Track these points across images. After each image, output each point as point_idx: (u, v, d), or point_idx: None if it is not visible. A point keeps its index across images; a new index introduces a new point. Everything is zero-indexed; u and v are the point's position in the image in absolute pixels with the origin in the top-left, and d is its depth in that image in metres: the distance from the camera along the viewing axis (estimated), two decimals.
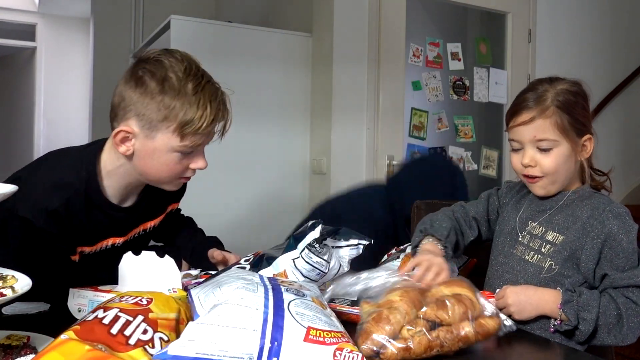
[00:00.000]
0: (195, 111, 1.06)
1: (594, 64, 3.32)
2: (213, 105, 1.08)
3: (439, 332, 0.86)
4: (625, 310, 1.05)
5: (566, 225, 1.15)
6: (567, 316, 1.06)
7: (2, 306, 1.04)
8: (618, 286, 1.07)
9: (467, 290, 0.95)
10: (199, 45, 2.48)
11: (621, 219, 1.10)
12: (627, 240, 1.08)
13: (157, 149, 1.09)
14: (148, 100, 1.06)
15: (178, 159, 1.10)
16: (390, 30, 2.73)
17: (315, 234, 1.03)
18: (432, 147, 2.93)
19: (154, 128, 1.07)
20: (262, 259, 1.07)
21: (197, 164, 1.14)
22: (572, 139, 1.15)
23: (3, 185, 0.78)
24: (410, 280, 1.00)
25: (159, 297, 0.79)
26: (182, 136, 1.07)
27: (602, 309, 1.05)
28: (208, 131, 1.10)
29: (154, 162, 1.10)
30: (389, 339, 0.83)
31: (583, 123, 1.16)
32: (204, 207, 2.50)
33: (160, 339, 0.69)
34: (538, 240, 1.19)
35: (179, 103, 1.05)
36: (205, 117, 1.06)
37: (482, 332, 0.89)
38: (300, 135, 2.75)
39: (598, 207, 1.13)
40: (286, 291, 0.82)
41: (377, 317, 0.86)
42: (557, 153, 1.15)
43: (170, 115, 1.05)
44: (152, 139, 1.08)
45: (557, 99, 1.15)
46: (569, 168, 1.17)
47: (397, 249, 1.37)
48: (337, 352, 0.72)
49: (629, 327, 1.05)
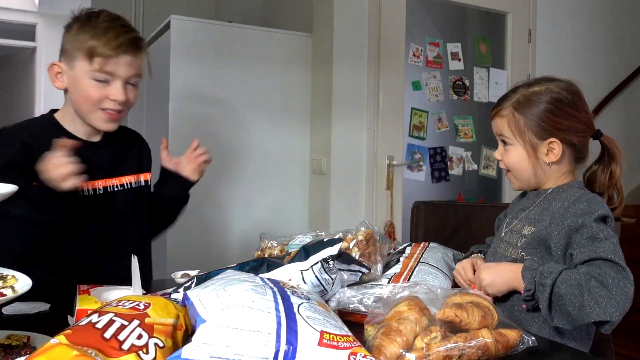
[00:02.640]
0: (100, 39, 1.25)
1: (594, 63, 3.33)
2: (120, 39, 1.26)
3: (457, 338, 0.79)
4: (587, 281, 0.98)
5: (539, 218, 1.17)
6: (524, 281, 1.04)
7: (2, 306, 1.04)
8: (582, 260, 1.03)
9: (483, 299, 0.90)
10: (199, 45, 2.48)
11: (587, 203, 1.09)
12: (590, 220, 1.05)
13: (77, 78, 1.28)
14: (69, 37, 1.30)
15: (94, 86, 1.27)
16: (390, 30, 2.73)
17: (333, 250, 1.01)
18: (432, 147, 2.93)
19: (72, 58, 1.28)
20: (261, 263, 1.06)
21: (114, 94, 1.28)
22: (527, 140, 1.19)
23: (3, 185, 0.79)
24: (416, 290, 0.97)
25: (158, 301, 0.77)
26: (90, 60, 1.26)
27: (562, 277, 1.00)
28: (114, 59, 1.26)
29: (77, 91, 1.30)
30: (403, 352, 0.77)
31: (546, 127, 1.17)
32: (204, 206, 2.50)
33: (155, 344, 0.67)
34: (516, 235, 1.21)
35: (89, 34, 1.26)
36: (110, 44, 1.25)
37: (503, 342, 0.83)
38: (300, 135, 2.75)
39: (569, 197, 1.13)
40: (292, 294, 0.80)
41: (387, 331, 0.80)
42: (514, 151, 1.22)
43: (82, 45, 1.26)
44: (73, 69, 1.29)
45: (517, 100, 1.21)
46: (528, 167, 1.21)
47: (395, 249, 1.37)
48: (351, 356, 0.71)
49: (592, 299, 0.96)
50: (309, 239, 1.29)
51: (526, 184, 1.25)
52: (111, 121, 1.33)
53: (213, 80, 2.50)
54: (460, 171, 3.01)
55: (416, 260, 1.25)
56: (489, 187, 3.15)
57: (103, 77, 1.27)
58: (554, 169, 1.20)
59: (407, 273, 1.19)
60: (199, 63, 2.47)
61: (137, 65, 1.32)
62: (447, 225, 1.87)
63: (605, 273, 0.99)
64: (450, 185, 2.98)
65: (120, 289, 1.08)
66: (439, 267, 1.23)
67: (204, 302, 0.76)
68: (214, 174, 2.53)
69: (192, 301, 0.78)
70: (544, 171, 1.21)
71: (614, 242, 1.04)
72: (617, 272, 0.99)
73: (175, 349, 0.70)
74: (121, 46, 1.26)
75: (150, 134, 2.82)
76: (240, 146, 2.54)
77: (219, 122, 2.50)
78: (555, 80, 1.21)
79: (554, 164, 1.19)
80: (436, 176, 2.93)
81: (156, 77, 2.65)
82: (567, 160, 1.21)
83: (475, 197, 3.12)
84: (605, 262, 1.00)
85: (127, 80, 1.30)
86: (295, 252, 1.12)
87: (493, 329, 0.84)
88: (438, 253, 1.31)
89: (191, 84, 2.47)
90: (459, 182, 3.04)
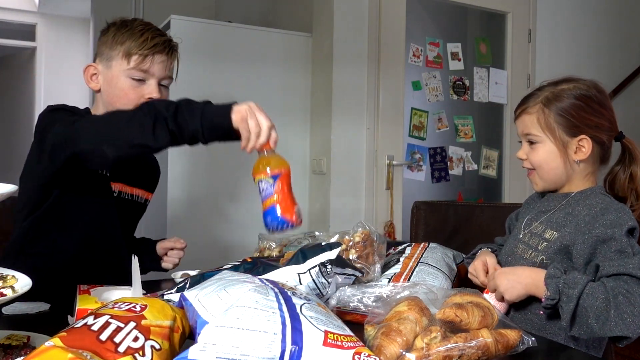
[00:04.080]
0: (137, 40, 1.31)
1: (594, 64, 3.32)
2: (155, 40, 1.32)
3: (457, 338, 0.79)
4: (614, 296, 0.98)
5: (563, 224, 1.16)
6: (548, 290, 1.02)
7: (2, 306, 1.04)
8: (609, 274, 1.03)
9: (483, 300, 0.90)
10: (199, 45, 2.48)
11: (616, 214, 1.08)
12: (620, 233, 1.05)
13: (114, 76, 1.32)
14: (106, 40, 1.35)
15: (131, 85, 1.32)
16: (390, 30, 2.73)
17: (331, 255, 1.01)
18: (432, 147, 2.93)
19: (110, 58, 1.33)
20: (255, 264, 1.06)
21: (149, 92, 1.32)
22: (558, 137, 1.17)
23: (3, 185, 0.78)
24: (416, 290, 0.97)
25: (154, 303, 0.76)
26: (128, 60, 1.31)
27: (588, 289, 0.99)
28: (149, 58, 1.31)
29: (114, 90, 1.33)
30: (403, 352, 0.78)
31: (576, 124, 1.16)
32: (204, 206, 2.50)
33: (151, 347, 0.66)
34: (536, 238, 1.20)
35: (126, 36, 1.32)
36: (146, 44, 1.31)
37: (503, 342, 0.83)
38: (300, 135, 2.74)
39: (595, 205, 1.12)
40: (293, 295, 0.80)
41: (387, 331, 0.80)
42: (542, 148, 1.19)
43: (120, 46, 1.32)
44: (110, 69, 1.33)
45: (546, 97, 1.19)
46: (558, 166, 1.18)
47: (395, 249, 1.36)
48: (355, 356, 0.71)
49: (618, 315, 0.97)
50: (307, 240, 1.29)
51: (552, 184, 1.22)
52: None
53: (213, 80, 2.50)
54: (460, 171, 3.01)
55: (416, 261, 1.25)
56: (489, 187, 3.15)
57: (139, 76, 1.31)
58: (581, 168, 1.19)
59: (407, 273, 1.19)
60: (199, 63, 2.47)
61: (170, 67, 1.37)
62: (447, 225, 1.87)
63: (633, 290, 0.99)
64: (450, 185, 2.98)
65: (120, 289, 1.08)
66: (439, 267, 1.23)
67: (204, 303, 0.75)
68: (214, 174, 2.53)
69: (190, 302, 0.77)
70: (573, 170, 1.19)
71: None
72: None
73: (172, 351, 0.70)
74: (156, 46, 1.32)
75: None
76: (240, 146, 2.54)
77: None
78: (581, 79, 1.20)
79: (582, 162, 1.18)
80: (436, 176, 2.94)
81: None
82: (593, 160, 1.20)
83: (475, 197, 3.12)
84: (633, 279, 1.00)
85: (160, 80, 1.35)
86: (290, 254, 1.11)
87: (493, 329, 0.84)
88: (438, 253, 1.31)
89: (191, 83, 2.46)
90: (459, 182, 3.04)
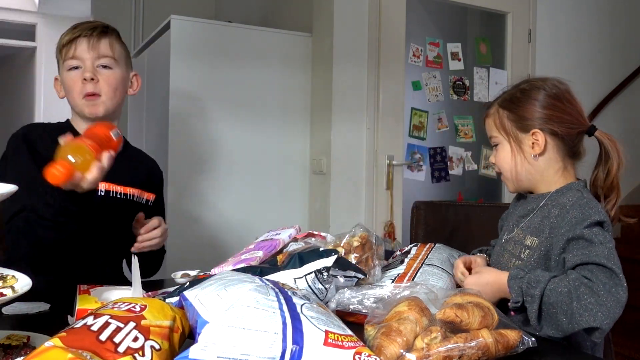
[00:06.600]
0: (65, 35, 1.40)
1: (594, 64, 3.32)
2: (79, 27, 1.39)
3: (457, 339, 0.79)
4: (576, 288, 0.96)
5: (540, 228, 1.14)
6: (511, 292, 1.01)
7: (2, 306, 1.04)
8: (574, 264, 1.00)
9: (483, 300, 0.90)
10: (199, 45, 2.48)
11: (580, 210, 1.07)
12: (583, 228, 1.03)
13: (62, 77, 1.42)
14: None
15: (72, 77, 1.39)
16: (390, 30, 2.73)
17: (327, 262, 1.01)
18: (432, 147, 2.93)
19: (58, 64, 1.44)
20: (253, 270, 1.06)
21: (85, 72, 1.38)
22: (512, 134, 1.17)
23: (3, 185, 0.79)
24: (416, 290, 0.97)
25: (154, 303, 0.76)
26: (62, 55, 1.41)
27: (551, 285, 0.98)
28: (74, 43, 1.38)
29: (66, 89, 1.42)
30: (403, 352, 0.77)
31: (525, 117, 1.15)
32: (204, 206, 2.50)
33: (151, 347, 0.66)
34: (519, 246, 1.18)
35: (61, 38, 1.41)
36: (70, 33, 1.39)
37: (503, 343, 0.82)
38: (300, 135, 2.74)
39: (565, 203, 1.11)
40: (294, 295, 0.80)
41: (387, 331, 0.80)
42: (501, 149, 1.20)
43: (58, 49, 1.42)
44: (60, 74, 1.43)
45: (503, 98, 1.20)
46: (517, 164, 1.18)
47: (402, 251, 1.36)
48: (356, 356, 0.71)
49: (581, 306, 0.94)
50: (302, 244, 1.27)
51: (520, 184, 1.22)
52: (92, 104, 1.40)
53: (213, 80, 2.50)
54: (460, 171, 3.01)
55: (421, 262, 1.24)
56: (489, 187, 3.15)
57: (73, 64, 1.38)
58: (542, 163, 1.17)
59: (411, 274, 1.18)
60: (199, 63, 2.47)
61: (103, 47, 1.40)
62: (447, 225, 1.87)
63: (597, 278, 0.96)
64: (450, 185, 2.98)
65: (120, 289, 1.08)
66: (444, 268, 1.22)
67: (204, 303, 0.75)
68: (214, 174, 2.53)
69: (190, 302, 0.77)
70: (534, 167, 1.17)
71: (609, 247, 1.01)
72: (609, 277, 0.96)
73: (171, 351, 0.70)
74: (78, 30, 1.39)
75: (150, 134, 2.82)
76: (240, 146, 2.54)
77: (218, 122, 2.50)
78: (544, 78, 1.20)
79: (541, 157, 1.16)
80: (436, 176, 2.94)
81: (156, 77, 2.65)
82: (557, 155, 1.17)
83: (475, 197, 3.12)
84: (598, 267, 0.97)
85: (95, 61, 1.39)
86: (285, 255, 1.11)
87: (493, 330, 0.84)
88: (444, 254, 1.30)
89: (191, 83, 2.46)
90: (459, 182, 3.04)
